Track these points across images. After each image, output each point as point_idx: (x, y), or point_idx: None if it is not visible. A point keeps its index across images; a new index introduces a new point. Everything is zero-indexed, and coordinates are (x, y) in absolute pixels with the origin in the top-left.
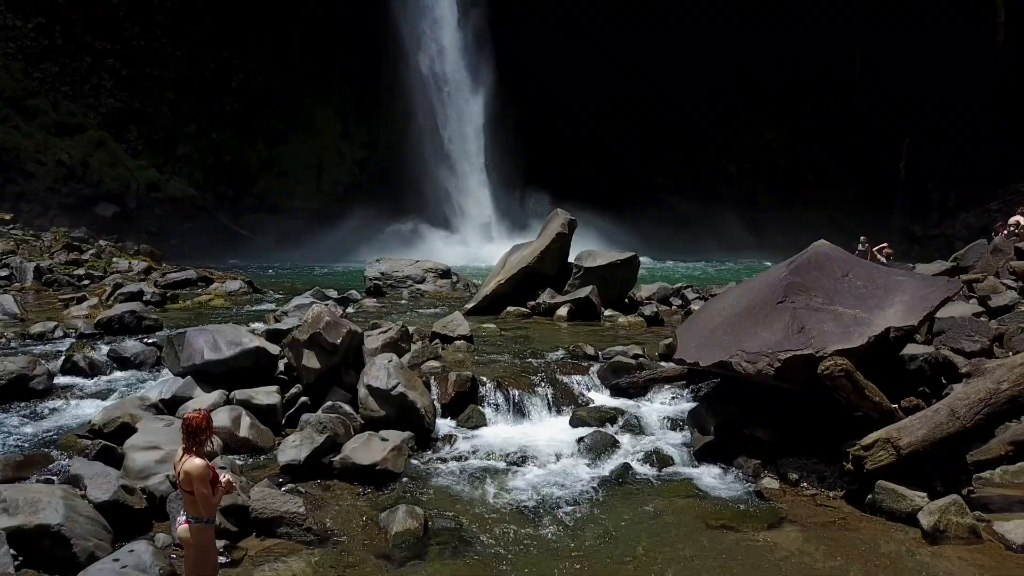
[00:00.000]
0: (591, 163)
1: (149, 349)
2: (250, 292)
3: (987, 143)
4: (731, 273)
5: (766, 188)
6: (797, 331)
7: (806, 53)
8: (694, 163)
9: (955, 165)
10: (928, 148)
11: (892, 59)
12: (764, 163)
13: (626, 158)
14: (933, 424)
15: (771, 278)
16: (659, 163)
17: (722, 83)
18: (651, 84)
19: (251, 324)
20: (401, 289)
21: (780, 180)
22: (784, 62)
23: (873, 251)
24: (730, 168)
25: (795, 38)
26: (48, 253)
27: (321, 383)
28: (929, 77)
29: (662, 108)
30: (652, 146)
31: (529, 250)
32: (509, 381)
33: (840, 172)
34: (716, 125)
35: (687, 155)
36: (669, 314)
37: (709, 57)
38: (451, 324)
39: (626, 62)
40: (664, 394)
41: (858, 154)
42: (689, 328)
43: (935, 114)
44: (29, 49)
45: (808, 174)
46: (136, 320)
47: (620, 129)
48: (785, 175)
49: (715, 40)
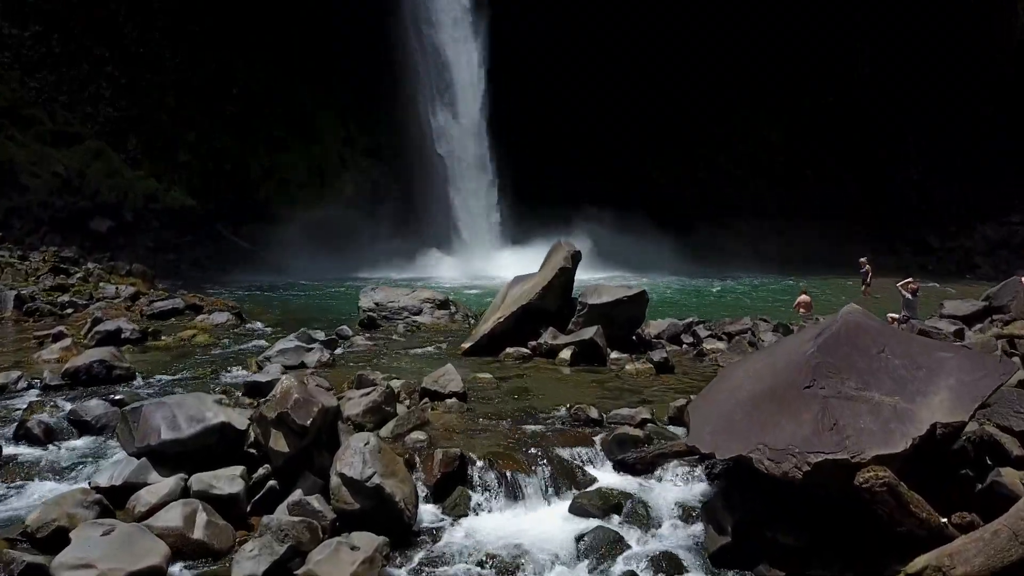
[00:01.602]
0: (590, 159)
1: (113, 411)
2: (238, 324)
3: (986, 139)
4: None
5: (765, 185)
6: (829, 427)
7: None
8: (692, 159)
9: (955, 162)
10: (929, 146)
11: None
12: (763, 160)
13: (625, 154)
14: (993, 550)
15: (796, 352)
16: (658, 159)
17: (720, 79)
18: (650, 79)
19: (231, 370)
20: (396, 321)
21: (779, 177)
22: (783, 57)
23: (898, 287)
24: (728, 165)
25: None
26: (34, 277)
27: (291, 466)
28: (930, 74)
29: (661, 104)
30: (651, 142)
31: (530, 284)
32: (502, 458)
33: (840, 169)
34: (715, 121)
35: (686, 151)
36: (680, 355)
37: (707, 52)
38: (442, 379)
39: (625, 58)
40: (675, 471)
41: (858, 152)
42: (703, 405)
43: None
44: (26, 57)
45: (807, 170)
46: (106, 370)
47: (619, 125)
48: (784, 172)
49: (714, 35)
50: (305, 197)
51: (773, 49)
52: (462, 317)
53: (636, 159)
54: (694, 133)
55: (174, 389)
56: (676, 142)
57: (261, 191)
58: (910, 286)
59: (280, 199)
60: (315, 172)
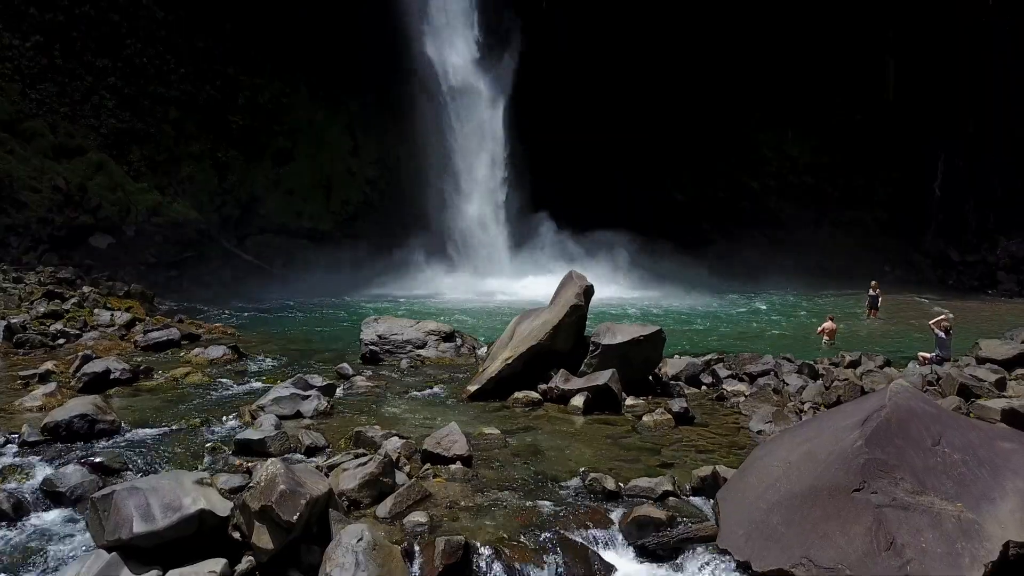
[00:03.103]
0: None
1: (90, 480)
2: (234, 359)
3: (1012, 153)
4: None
5: (788, 202)
6: (885, 547)
7: (832, 66)
8: (712, 176)
9: (990, 182)
10: (963, 165)
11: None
12: (789, 178)
13: (642, 170)
14: None
15: (839, 441)
16: (677, 176)
17: (744, 96)
18: (670, 94)
19: (222, 420)
20: (400, 356)
21: (801, 195)
22: (809, 75)
23: (931, 324)
24: (752, 183)
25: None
26: (27, 302)
27: (276, 562)
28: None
29: (681, 120)
30: (669, 158)
31: (540, 321)
32: (510, 546)
33: (869, 190)
34: (735, 138)
35: (706, 167)
36: (699, 398)
37: (731, 70)
38: (445, 440)
39: (645, 73)
40: (700, 558)
41: (888, 171)
42: (734, 497)
43: (969, 129)
44: (27, 69)
45: (835, 191)
46: (88, 425)
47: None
48: (808, 190)
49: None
50: (311, 209)
51: (799, 67)
52: (468, 350)
53: (654, 175)
54: (714, 150)
55: (159, 446)
56: (695, 158)
57: (267, 202)
58: (942, 323)
59: (286, 210)
60: (322, 183)
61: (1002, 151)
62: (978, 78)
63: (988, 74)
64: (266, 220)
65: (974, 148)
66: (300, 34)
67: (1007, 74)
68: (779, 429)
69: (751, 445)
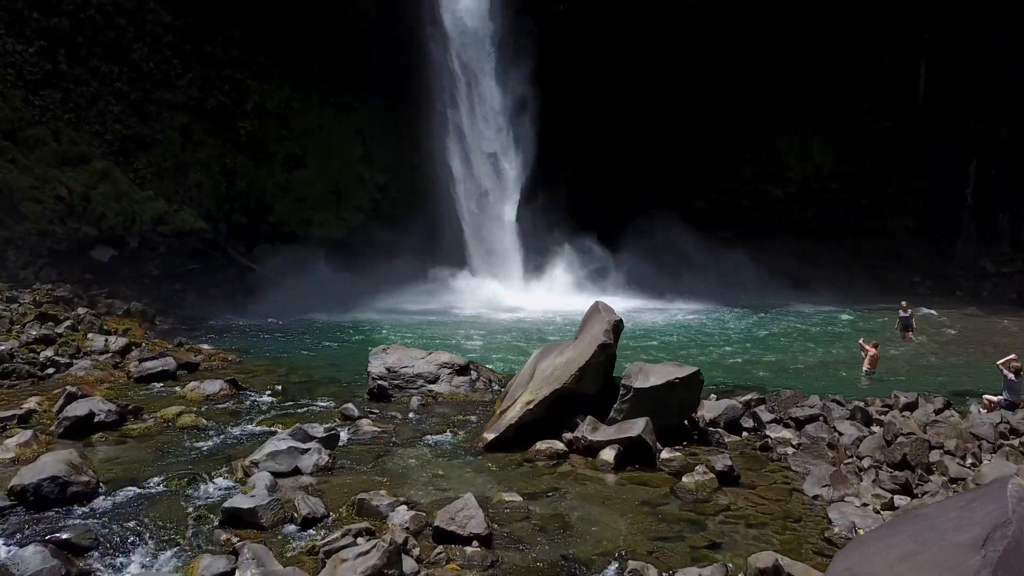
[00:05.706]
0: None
1: (51, 567)
2: (232, 394)
3: None
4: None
5: (814, 211)
6: None
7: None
8: (735, 183)
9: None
10: (996, 172)
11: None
12: (814, 186)
13: (663, 176)
14: None
15: (955, 567)
16: (696, 187)
17: (769, 102)
18: (690, 101)
19: (212, 477)
20: (410, 392)
21: (828, 203)
22: (836, 81)
23: (999, 365)
24: (776, 191)
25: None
26: (19, 325)
27: None
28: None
29: (701, 126)
30: (687, 170)
31: (564, 359)
32: None
33: (896, 198)
34: (760, 146)
35: (728, 175)
36: (741, 447)
37: (755, 75)
38: (460, 515)
39: (666, 79)
40: None
41: (917, 178)
42: None
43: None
44: (30, 75)
45: (863, 200)
46: (59, 489)
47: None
48: (833, 198)
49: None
50: (321, 216)
51: (826, 73)
52: (484, 384)
53: (675, 181)
54: (737, 157)
55: (138, 513)
56: (717, 165)
57: (276, 209)
58: (1012, 364)
59: (296, 217)
60: (332, 190)
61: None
62: (1013, 82)
63: (1022, 77)
64: (275, 228)
65: (1008, 154)
66: (309, 39)
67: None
68: (839, 495)
69: (807, 516)
